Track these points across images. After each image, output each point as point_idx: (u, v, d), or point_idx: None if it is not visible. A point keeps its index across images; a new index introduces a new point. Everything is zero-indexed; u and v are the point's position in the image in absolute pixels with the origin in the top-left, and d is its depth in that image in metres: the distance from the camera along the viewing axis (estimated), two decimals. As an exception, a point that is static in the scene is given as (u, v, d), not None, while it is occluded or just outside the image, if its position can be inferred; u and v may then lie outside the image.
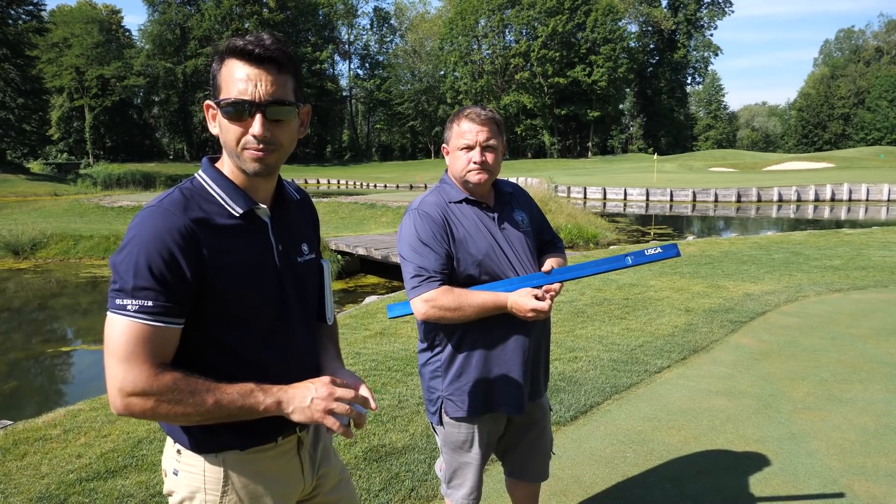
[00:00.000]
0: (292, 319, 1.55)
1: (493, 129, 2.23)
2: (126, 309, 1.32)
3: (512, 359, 2.25)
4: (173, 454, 1.53)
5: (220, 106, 1.40)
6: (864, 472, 3.40)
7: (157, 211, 1.37)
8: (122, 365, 1.31)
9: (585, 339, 6.01)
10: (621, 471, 3.49)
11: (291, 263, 1.56)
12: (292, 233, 1.60)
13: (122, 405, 1.32)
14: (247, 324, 1.46)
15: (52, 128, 65.30)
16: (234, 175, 1.48)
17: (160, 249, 1.32)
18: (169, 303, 1.33)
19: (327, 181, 54.97)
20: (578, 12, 68.85)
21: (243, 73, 1.38)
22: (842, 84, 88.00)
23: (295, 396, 1.38)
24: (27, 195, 31.85)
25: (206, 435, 1.47)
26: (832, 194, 30.70)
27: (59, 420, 4.24)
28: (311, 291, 1.65)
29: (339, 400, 1.39)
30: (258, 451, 1.53)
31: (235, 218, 1.45)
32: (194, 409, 1.33)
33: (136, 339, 1.31)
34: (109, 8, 75.69)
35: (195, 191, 1.45)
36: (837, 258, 10.58)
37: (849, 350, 5.54)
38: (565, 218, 17.93)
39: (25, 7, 48.26)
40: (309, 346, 1.61)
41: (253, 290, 1.46)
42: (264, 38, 1.39)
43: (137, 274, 1.31)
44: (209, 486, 1.50)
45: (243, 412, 1.36)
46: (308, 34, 77.25)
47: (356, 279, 13.51)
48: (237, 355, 1.45)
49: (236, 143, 1.41)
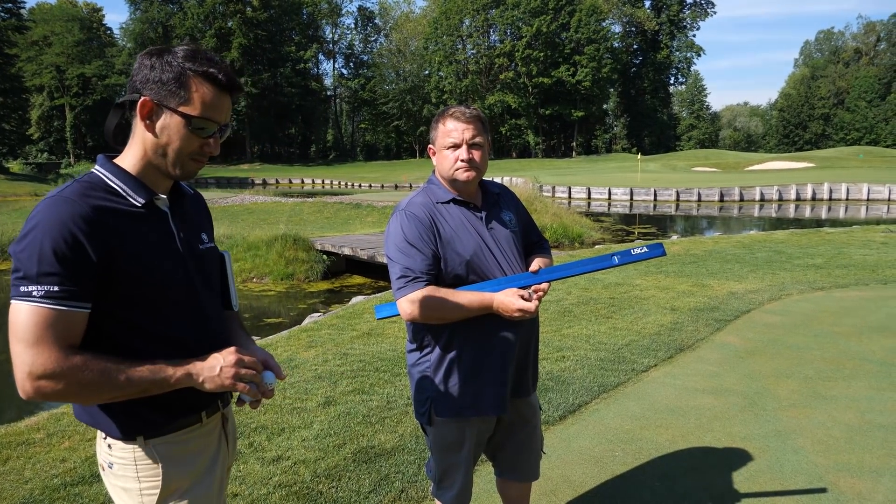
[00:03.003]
0: (201, 302, 1.60)
1: (478, 127, 2.24)
2: (31, 295, 1.34)
3: (499, 359, 2.24)
4: (105, 449, 1.56)
5: (188, 118, 1.47)
6: (848, 469, 3.44)
7: (58, 199, 1.40)
8: (31, 350, 1.33)
9: (572, 338, 6.03)
10: (611, 469, 3.50)
11: (193, 250, 1.62)
12: (191, 222, 1.67)
13: (31, 389, 1.34)
14: (156, 306, 1.50)
15: (32, 127, 64.57)
16: (136, 169, 1.53)
17: (64, 235, 1.35)
18: (74, 287, 1.36)
19: (311, 181, 54.76)
20: (562, 12, 69.14)
21: (217, 98, 1.50)
22: (822, 85, 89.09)
23: (204, 367, 1.46)
24: (7, 195, 31.39)
25: (127, 417, 1.51)
26: (813, 193, 31.10)
27: (43, 424, 4.18)
28: (214, 277, 1.72)
29: (246, 367, 1.47)
30: (187, 433, 1.59)
31: (136, 207, 1.50)
32: (105, 387, 1.37)
33: (43, 323, 1.33)
34: (90, 6, 74.88)
35: (94, 183, 1.49)
36: (819, 257, 10.71)
37: (832, 348, 5.61)
38: (550, 217, 17.99)
39: (4, 5, 47.66)
40: (219, 327, 1.66)
41: (160, 272, 1.50)
42: (227, 67, 1.52)
43: (42, 260, 1.33)
44: (143, 475, 1.53)
45: (155, 386, 1.42)
46: (292, 33, 76.93)
47: (342, 279, 13.47)
48: (149, 337, 1.49)
49: (188, 153, 1.51)
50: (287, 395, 4.59)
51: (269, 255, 13.48)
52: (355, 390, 4.68)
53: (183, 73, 1.47)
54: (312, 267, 13.42)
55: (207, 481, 1.63)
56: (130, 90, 1.49)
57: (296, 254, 13.59)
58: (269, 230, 15.14)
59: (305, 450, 3.70)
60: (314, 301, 11.50)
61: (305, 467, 3.49)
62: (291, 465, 3.51)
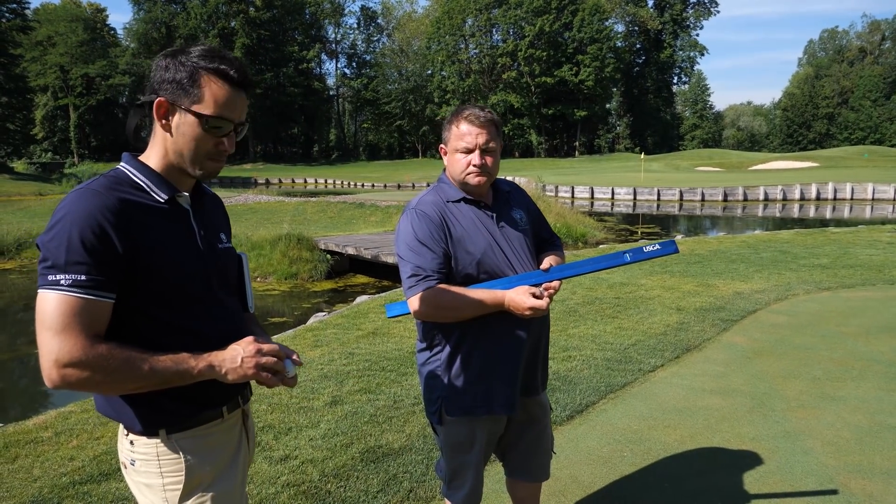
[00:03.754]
0: (220, 299, 1.63)
1: (492, 132, 2.22)
2: (59, 284, 1.35)
3: (510, 358, 2.23)
4: (127, 446, 1.56)
5: (201, 117, 1.49)
6: (859, 470, 3.42)
7: (86, 192, 1.43)
8: (57, 337, 1.34)
9: (579, 338, 6.01)
10: (619, 470, 3.49)
11: (213, 248, 1.64)
12: (211, 221, 1.70)
13: (57, 376, 1.35)
14: (178, 300, 1.52)
15: (37, 127, 64.47)
16: (161, 168, 1.56)
17: (91, 226, 1.37)
18: (101, 276, 1.38)
19: (314, 181, 54.77)
20: (565, 12, 69.07)
21: (231, 95, 1.51)
22: (826, 84, 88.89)
23: (226, 358, 1.47)
24: (11, 195, 31.38)
25: (150, 410, 1.51)
26: (817, 193, 31.01)
27: (51, 422, 4.18)
28: (232, 277, 1.74)
29: (267, 354, 1.48)
30: (209, 427, 1.59)
31: (160, 203, 1.53)
32: (129, 376, 1.38)
33: (69, 312, 1.35)
34: (94, 6, 74.98)
35: (120, 178, 1.52)
36: (825, 257, 10.67)
37: (839, 348, 5.58)
38: (554, 217, 17.96)
39: (9, 5, 47.60)
40: (241, 325, 1.67)
41: (181, 266, 1.52)
42: (240, 64, 1.54)
43: (70, 249, 1.36)
44: (165, 470, 1.54)
45: (177, 377, 1.43)
46: (295, 33, 76.92)
47: (345, 279, 13.46)
48: (172, 330, 1.51)
49: (204, 152, 1.53)
50: (294, 394, 4.59)
51: (273, 255, 13.48)
52: (362, 390, 4.68)
53: (195, 72, 1.49)
54: (316, 266, 13.41)
55: (230, 476, 1.64)
56: (149, 91, 1.53)
57: (299, 253, 13.58)
58: (273, 230, 15.15)
59: (313, 449, 3.70)
60: (318, 300, 11.49)
61: (313, 467, 3.48)
62: (299, 465, 3.51)
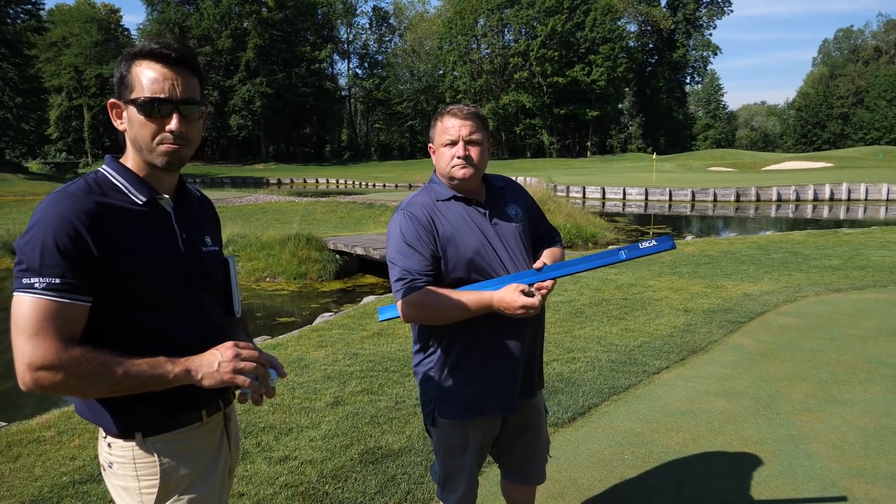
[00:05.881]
0: (202, 302, 1.61)
1: (476, 124, 2.19)
2: (34, 287, 1.35)
3: (506, 359, 2.21)
4: (105, 448, 1.56)
5: (136, 103, 1.47)
6: (863, 474, 3.38)
7: (62, 195, 1.43)
8: (31, 341, 1.34)
9: (584, 339, 5.98)
10: (619, 473, 3.46)
11: (196, 251, 1.62)
12: (195, 224, 1.67)
13: (31, 380, 1.35)
14: (156, 304, 1.51)
15: (51, 127, 65.17)
16: (139, 168, 1.55)
17: (67, 229, 1.37)
18: (76, 280, 1.38)
19: (326, 181, 54.86)
20: (577, 12, 68.71)
21: (159, 74, 1.48)
22: (840, 84, 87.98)
23: (202, 363, 1.44)
24: (26, 195, 31.68)
25: (125, 413, 1.51)
26: (831, 194, 30.70)
27: (53, 422, 4.21)
28: (218, 279, 1.71)
29: (245, 360, 1.45)
30: (187, 431, 1.58)
31: (139, 205, 1.52)
32: (104, 380, 1.37)
33: (43, 315, 1.35)
34: (108, 7, 75.52)
35: (100, 181, 1.51)
36: (836, 258, 10.56)
37: (848, 351, 5.52)
38: (564, 217, 17.90)
39: (24, 6, 48.06)
40: (223, 330, 1.65)
41: (159, 270, 1.51)
42: (174, 43, 1.51)
43: (45, 253, 1.36)
44: (141, 473, 1.54)
45: (153, 382, 1.41)
46: (307, 33, 77.08)
47: (354, 279, 13.48)
48: (151, 335, 1.50)
49: (152, 138, 1.49)
50: (296, 394, 4.59)
51: (282, 255, 13.51)
52: (364, 391, 4.67)
53: (129, 64, 1.50)
54: (325, 266, 13.43)
55: (208, 480, 1.62)
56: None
57: (309, 253, 13.61)
58: (283, 229, 15.19)
59: (313, 450, 3.70)
60: (327, 301, 11.51)
61: (312, 467, 3.48)
62: (298, 466, 3.51)
